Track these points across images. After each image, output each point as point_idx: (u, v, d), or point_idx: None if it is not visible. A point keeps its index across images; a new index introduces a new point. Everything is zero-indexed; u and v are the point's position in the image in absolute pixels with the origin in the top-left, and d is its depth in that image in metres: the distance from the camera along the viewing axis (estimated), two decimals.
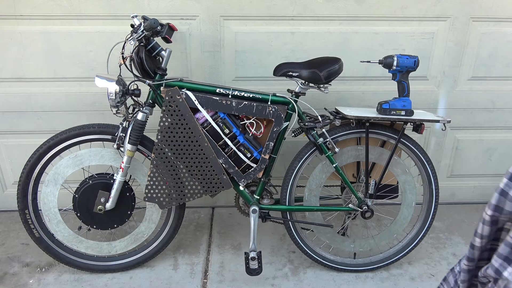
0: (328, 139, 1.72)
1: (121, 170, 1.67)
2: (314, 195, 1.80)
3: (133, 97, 1.63)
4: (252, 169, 1.70)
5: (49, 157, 1.68)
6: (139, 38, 1.55)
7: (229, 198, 2.41)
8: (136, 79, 1.60)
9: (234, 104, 1.61)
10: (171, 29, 1.70)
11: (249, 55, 2.08)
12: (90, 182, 1.71)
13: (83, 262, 1.81)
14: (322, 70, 1.62)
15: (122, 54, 1.59)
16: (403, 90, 1.68)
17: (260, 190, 1.78)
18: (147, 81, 1.61)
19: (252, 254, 1.71)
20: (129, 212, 1.76)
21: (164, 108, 1.59)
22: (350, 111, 1.70)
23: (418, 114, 1.73)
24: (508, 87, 2.26)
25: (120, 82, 1.56)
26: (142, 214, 1.84)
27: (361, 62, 2.02)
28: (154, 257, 1.87)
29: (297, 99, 1.68)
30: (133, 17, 1.61)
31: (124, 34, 2.00)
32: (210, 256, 1.98)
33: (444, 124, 1.73)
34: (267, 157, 1.68)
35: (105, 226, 1.77)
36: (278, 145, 1.71)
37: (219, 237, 2.14)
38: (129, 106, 1.66)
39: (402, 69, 1.64)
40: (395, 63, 1.63)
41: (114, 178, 1.69)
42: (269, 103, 1.64)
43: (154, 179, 1.67)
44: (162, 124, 1.60)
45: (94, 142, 1.71)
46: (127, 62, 1.61)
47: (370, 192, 1.79)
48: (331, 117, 1.74)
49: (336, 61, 1.67)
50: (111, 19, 1.97)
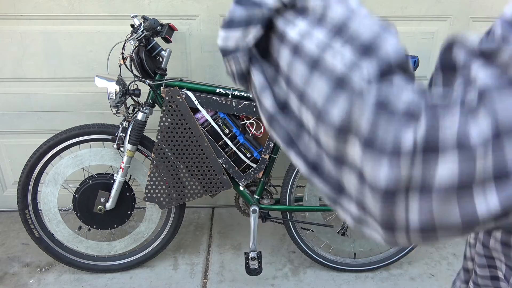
0: None
1: (121, 170, 1.67)
2: (314, 195, 1.80)
3: (133, 97, 1.63)
4: (252, 169, 1.70)
5: (49, 157, 1.68)
6: (139, 38, 1.55)
7: (229, 198, 2.41)
8: (136, 79, 1.60)
9: (234, 104, 1.61)
10: (171, 29, 1.70)
11: None
12: (90, 182, 1.71)
13: (83, 262, 1.81)
14: None
15: (122, 54, 1.59)
16: None
17: (260, 190, 1.78)
18: (147, 81, 1.61)
19: (252, 254, 1.71)
20: (129, 212, 1.76)
21: (164, 108, 1.59)
22: None
23: None
24: None
25: (120, 82, 1.56)
26: (142, 214, 1.84)
27: None
28: (154, 257, 1.87)
29: None
30: (133, 17, 1.62)
31: (124, 34, 1.99)
32: (210, 256, 1.98)
33: None
34: (267, 157, 1.68)
35: (105, 226, 1.77)
36: (278, 145, 1.71)
37: (219, 237, 2.14)
38: (129, 106, 1.66)
39: None
40: None
41: (114, 178, 1.69)
42: None
43: (154, 179, 1.67)
44: (162, 124, 1.60)
45: (94, 142, 1.71)
46: (127, 62, 1.61)
47: None
48: None
49: None
50: (111, 19, 1.97)
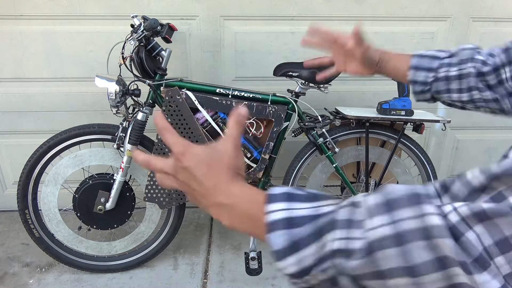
0: (328, 139, 1.72)
1: (121, 170, 1.67)
2: None
3: (133, 97, 1.63)
4: (252, 169, 1.70)
5: (49, 157, 1.68)
6: (139, 38, 1.55)
7: None
8: (136, 79, 1.60)
9: (234, 104, 1.61)
10: (171, 29, 1.70)
11: (249, 55, 2.08)
12: (90, 182, 1.71)
13: (83, 262, 1.81)
14: (322, 70, 1.61)
15: (122, 54, 1.59)
16: (403, 90, 1.68)
17: None
18: (147, 81, 1.61)
19: (252, 254, 1.71)
20: (129, 212, 1.76)
21: (164, 108, 1.59)
22: (350, 111, 1.71)
23: (418, 114, 1.73)
24: None
25: (120, 82, 1.56)
26: (142, 214, 1.84)
27: None
28: (154, 257, 1.87)
29: (297, 99, 1.68)
30: (133, 17, 1.62)
31: (124, 34, 1.99)
32: (210, 256, 1.98)
33: (444, 124, 1.73)
34: (267, 157, 1.68)
35: (105, 226, 1.77)
36: (278, 145, 1.71)
37: (219, 237, 2.14)
38: (129, 106, 1.66)
39: None
40: None
41: (114, 178, 1.69)
42: (269, 103, 1.64)
43: (154, 179, 1.67)
44: None
45: (94, 142, 1.71)
46: (127, 62, 1.61)
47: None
48: (331, 117, 1.74)
49: None
50: (111, 19, 1.97)
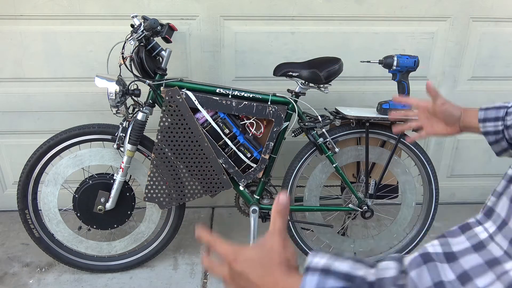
0: (328, 139, 1.72)
1: (121, 170, 1.67)
2: (314, 195, 1.80)
3: (133, 97, 1.63)
4: (252, 169, 1.70)
5: (49, 157, 1.68)
6: (139, 38, 1.55)
7: (229, 198, 2.41)
8: (136, 79, 1.60)
9: (234, 104, 1.61)
10: (171, 29, 1.70)
11: (249, 55, 2.08)
12: (90, 182, 1.71)
13: (83, 262, 1.81)
14: (322, 70, 1.61)
15: (122, 54, 1.59)
16: (403, 90, 1.68)
17: (260, 190, 1.78)
18: (147, 81, 1.61)
19: None
20: (129, 212, 1.76)
21: (164, 108, 1.59)
22: (350, 111, 1.70)
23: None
24: (508, 87, 2.26)
25: (120, 82, 1.56)
26: (142, 214, 1.84)
27: (361, 62, 2.01)
28: (154, 257, 1.87)
29: (297, 99, 1.68)
30: (133, 17, 1.62)
31: (124, 34, 1.99)
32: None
33: None
34: (267, 157, 1.68)
35: (105, 226, 1.77)
36: (278, 145, 1.71)
37: (219, 237, 2.13)
38: (129, 106, 1.66)
39: (402, 69, 1.64)
40: (395, 63, 1.63)
41: (114, 178, 1.69)
42: (269, 103, 1.64)
43: (154, 179, 1.67)
44: (162, 124, 1.60)
45: (94, 142, 1.71)
46: (127, 62, 1.61)
47: (370, 192, 1.79)
48: (331, 117, 1.74)
49: (336, 61, 1.67)
50: (111, 19, 1.97)
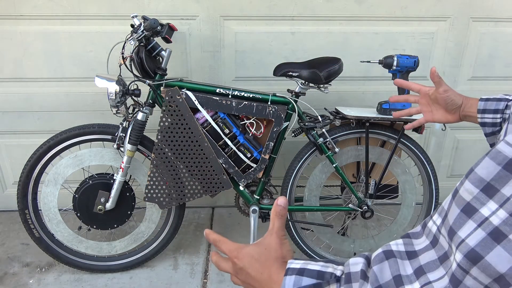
0: (328, 139, 1.72)
1: (121, 170, 1.67)
2: (314, 195, 1.80)
3: (133, 97, 1.63)
4: (252, 169, 1.70)
5: (49, 157, 1.68)
6: (139, 38, 1.55)
7: (229, 198, 2.41)
8: (136, 79, 1.60)
9: (234, 104, 1.61)
10: (171, 29, 1.70)
11: (249, 55, 2.08)
12: (90, 182, 1.71)
13: (83, 262, 1.81)
14: (322, 70, 1.62)
15: (122, 54, 1.59)
16: (403, 90, 1.68)
17: (260, 190, 1.78)
18: (147, 81, 1.61)
19: None
20: (129, 212, 1.76)
21: (164, 108, 1.59)
22: (350, 111, 1.71)
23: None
24: (508, 87, 2.26)
25: (120, 82, 1.56)
26: (142, 214, 1.84)
27: (361, 62, 2.01)
28: (154, 257, 1.87)
29: (297, 99, 1.68)
30: (133, 17, 1.61)
31: (124, 34, 1.99)
32: (210, 256, 1.98)
33: (444, 124, 1.73)
34: (267, 157, 1.68)
35: (105, 226, 1.77)
36: (278, 145, 1.71)
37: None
38: (129, 106, 1.66)
39: (402, 69, 1.64)
40: (395, 63, 1.63)
41: (114, 178, 1.69)
42: (269, 103, 1.64)
43: (154, 179, 1.67)
44: (162, 124, 1.60)
45: (94, 142, 1.71)
46: (127, 62, 1.61)
47: (370, 192, 1.79)
48: (331, 117, 1.74)
49: (336, 61, 1.67)
50: (111, 19, 1.97)
